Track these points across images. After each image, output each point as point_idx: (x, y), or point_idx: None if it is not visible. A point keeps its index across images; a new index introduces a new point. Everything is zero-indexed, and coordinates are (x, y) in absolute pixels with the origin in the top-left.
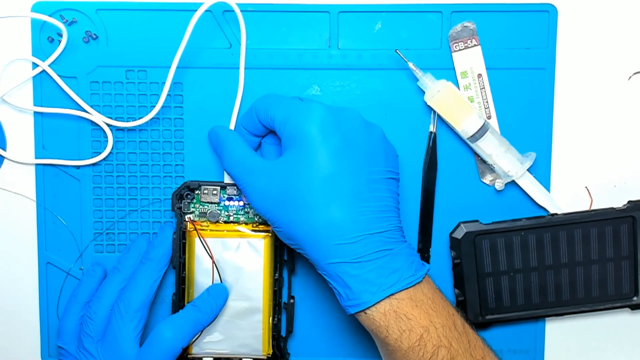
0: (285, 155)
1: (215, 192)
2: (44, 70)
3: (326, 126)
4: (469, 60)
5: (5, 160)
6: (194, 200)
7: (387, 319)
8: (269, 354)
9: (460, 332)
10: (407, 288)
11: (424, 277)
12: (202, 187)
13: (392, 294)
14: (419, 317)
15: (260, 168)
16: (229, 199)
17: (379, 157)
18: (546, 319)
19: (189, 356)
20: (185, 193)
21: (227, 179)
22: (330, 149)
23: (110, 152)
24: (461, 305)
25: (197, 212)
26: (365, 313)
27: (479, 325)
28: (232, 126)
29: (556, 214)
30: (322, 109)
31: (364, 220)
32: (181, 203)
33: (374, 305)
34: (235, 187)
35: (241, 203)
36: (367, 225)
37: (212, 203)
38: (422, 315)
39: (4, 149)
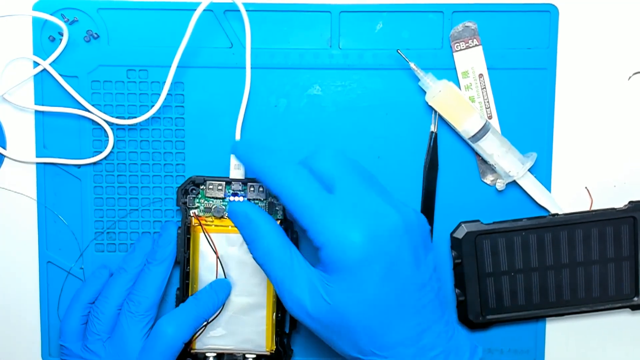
0: (331, 283)
1: (220, 187)
2: (45, 69)
3: (368, 254)
4: (470, 60)
5: (5, 159)
6: (199, 196)
7: None
8: (272, 350)
9: None
10: None
11: None
12: (208, 182)
13: None
14: None
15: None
16: (234, 194)
17: (425, 273)
18: (547, 319)
19: (192, 351)
20: (191, 188)
21: (232, 175)
22: (375, 278)
23: (111, 151)
24: (462, 305)
25: (202, 207)
26: None
27: (480, 325)
28: (237, 135)
29: (557, 214)
30: (360, 234)
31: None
32: (186, 198)
33: None
34: (240, 183)
35: (246, 199)
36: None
37: (217, 198)
38: None
39: (5, 148)
